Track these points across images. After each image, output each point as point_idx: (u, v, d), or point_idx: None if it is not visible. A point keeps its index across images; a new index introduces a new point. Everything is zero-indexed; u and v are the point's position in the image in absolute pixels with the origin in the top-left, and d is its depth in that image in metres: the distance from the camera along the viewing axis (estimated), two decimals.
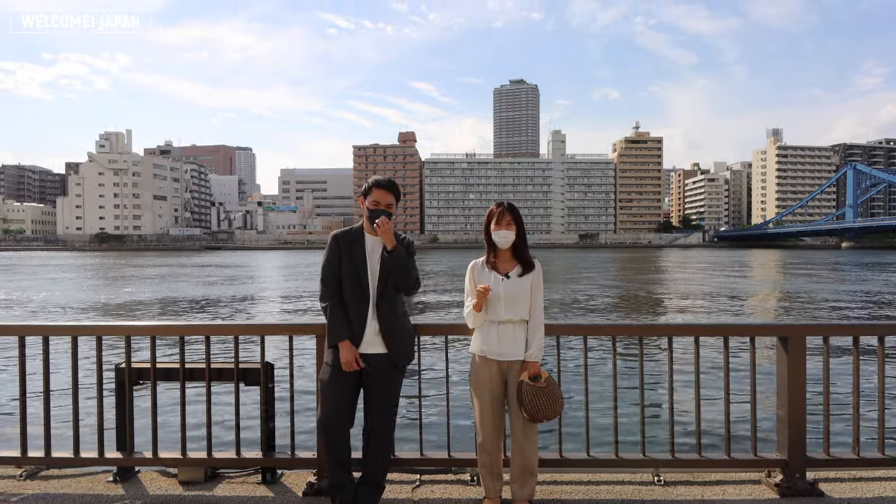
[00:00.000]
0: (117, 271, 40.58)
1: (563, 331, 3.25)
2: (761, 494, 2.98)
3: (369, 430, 2.75)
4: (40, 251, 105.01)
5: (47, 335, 3.19)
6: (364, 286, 2.72)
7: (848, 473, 3.22)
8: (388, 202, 2.74)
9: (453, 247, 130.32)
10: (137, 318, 16.35)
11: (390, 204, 2.75)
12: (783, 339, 3.10)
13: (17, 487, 3.09)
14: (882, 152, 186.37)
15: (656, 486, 3.08)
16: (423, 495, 2.99)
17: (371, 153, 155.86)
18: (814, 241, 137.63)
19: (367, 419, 2.76)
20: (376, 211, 2.71)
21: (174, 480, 3.17)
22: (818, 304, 19.23)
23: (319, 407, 2.74)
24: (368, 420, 2.75)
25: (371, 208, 2.73)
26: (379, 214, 2.69)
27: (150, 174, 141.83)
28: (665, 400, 3.24)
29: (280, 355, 3.36)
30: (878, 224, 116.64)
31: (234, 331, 3.32)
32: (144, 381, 3.22)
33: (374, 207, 2.72)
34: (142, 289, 25.64)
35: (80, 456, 3.18)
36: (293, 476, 3.24)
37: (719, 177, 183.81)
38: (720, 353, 3.20)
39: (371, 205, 2.73)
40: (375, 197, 2.73)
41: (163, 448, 3.20)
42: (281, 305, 19.94)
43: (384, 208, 2.72)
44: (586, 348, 3.23)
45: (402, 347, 2.78)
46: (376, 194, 2.73)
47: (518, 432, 2.76)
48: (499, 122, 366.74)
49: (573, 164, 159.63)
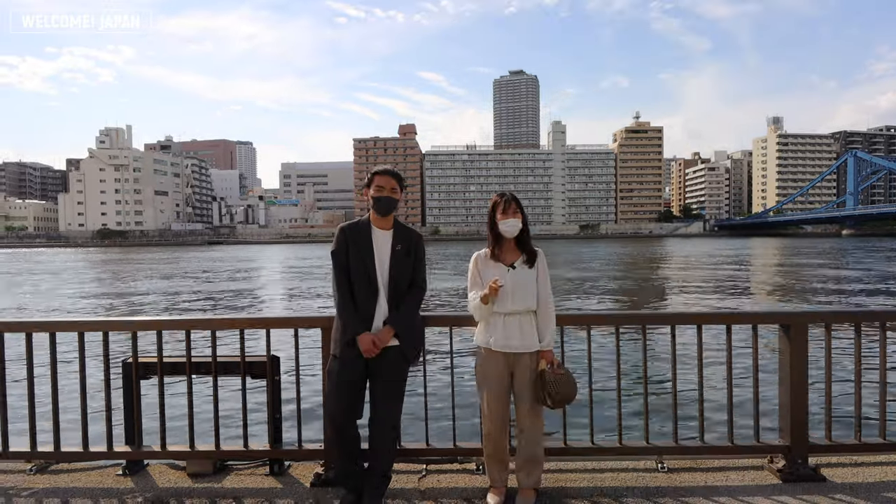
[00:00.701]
0: (121, 266, 40.66)
1: (566, 321, 3.27)
2: (764, 480, 3.01)
3: (376, 421, 2.77)
4: (43, 248, 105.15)
5: (54, 331, 3.22)
6: (372, 278, 2.74)
7: (850, 459, 3.24)
8: (392, 186, 2.77)
9: (455, 238, 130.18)
10: (144, 313, 16.41)
11: (394, 188, 2.78)
12: (785, 327, 3.11)
13: (28, 482, 3.12)
14: (882, 139, 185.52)
15: (660, 472, 3.11)
16: (430, 485, 3.02)
17: (371, 146, 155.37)
18: (814, 228, 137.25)
19: (374, 410, 2.78)
20: (381, 198, 2.75)
21: (183, 473, 3.20)
22: (819, 292, 19.23)
23: (327, 399, 2.77)
24: (375, 411, 2.77)
25: (375, 196, 2.76)
26: (384, 201, 2.74)
27: (150, 169, 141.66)
28: (668, 388, 3.26)
29: (286, 348, 3.38)
30: (879, 211, 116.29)
31: (239, 324, 3.34)
32: (151, 376, 3.25)
33: (378, 195, 2.75)
34: (147, 284, 25.70)
35: (90, 450, 3.21)
36: (301, 467, 3.27)
37: (720, 166, 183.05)
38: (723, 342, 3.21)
39: (375, 192, 2.76)
40: (378, 183, 2.76)
41: (171, 441, 3.24)
42: (285, 298, 19.99)
43: (388, 193, 2.75)
44: (589, 338, 3.25)
45: (410, 340, 2.80)
46: (378, 181, 2.76)
47: (525, 422, 2.78)
48: (499, 113, 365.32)
49: (574, 155, 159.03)
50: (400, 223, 2.87)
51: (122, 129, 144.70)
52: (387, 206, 2.78)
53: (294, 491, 2.99)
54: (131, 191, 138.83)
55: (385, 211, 2.78)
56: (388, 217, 2.82)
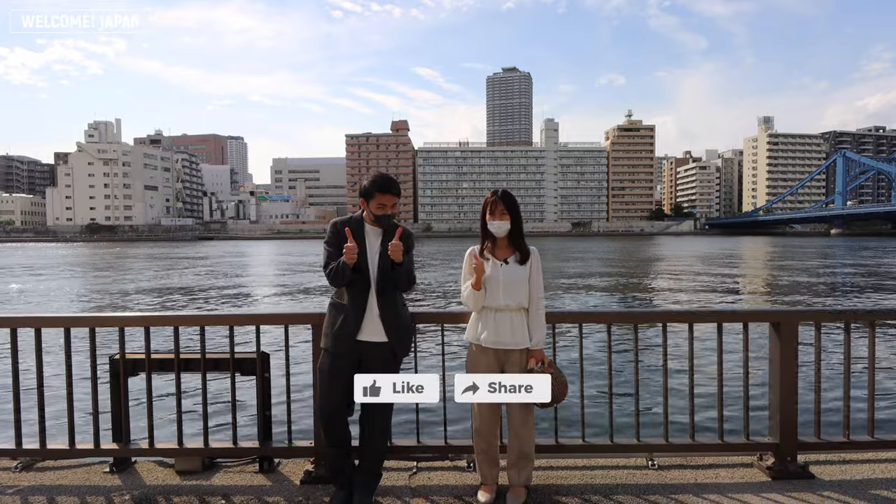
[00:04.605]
0: (109, 262, 40.29)
1: (558, 318, 3.27)
2: (753, 477, 3.03)
3: (367, 419, 2.76)
4: (30, 242, 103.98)
5: (40, 327, 3.17)
6: (364, 274, 2.73)
7: (838, 456, 3.27)
8: (393, 203, 2.75)
9: (447, 235, 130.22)
10: (131, 308, 16.27)
11: (395, 204, 2.77)
12: (776, 325, 3.13)
13: (13, 479, 3.08)
14: (871, 140, 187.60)
15: (650, 470, 3.12)
16: (421, 482, 3.01)
17: (364, 142, 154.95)
18: (803, 227, 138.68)
19: (365, 408, 2.76)
20: (384, 217, 2.74)
21: (171, 470, 3.17)
22: (809, 291, 19.42)
23: (317, 396, 2.75)
24: (366, 409, 2.76)
25: (376, 213, 2.74)
26: (387, 219, 2.74)
27: (140, 164, 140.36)
28: (659, 386, 3.27)
29: (276, 345, 3.35)
30: (867, 211, 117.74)
31: (229, 321, 3.31)
32: (139, 372, 3.21)
33: (380, 213, 2.74)
34: (135, 279, 25.48)
35: (76, 447, 3.17)
36: (290, 464, 3.25)
37: (711, 164, 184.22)
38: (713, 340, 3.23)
39: (377, 209, 2.73)
40: (381, 201, 2.72)
41: (159, 438, 3.21)
42: (276, 294, 19.89)
43: (389, 210, 2.75)
44: (581, 336, 3.25)
45: (401, 336, 2.79)
46: (381, 199, 2.72)
47: (515, 419, 2.78)
48: (492, 111, 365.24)
49: (566, 153, 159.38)
50: (401, 249, 2.84)
51: (112, 123, 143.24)
52: (387, 223, 2.78)
53: (284, 488, 2.97)
54: (120, 185, 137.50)
55: (385, 226, 2.78)
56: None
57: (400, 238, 2.71)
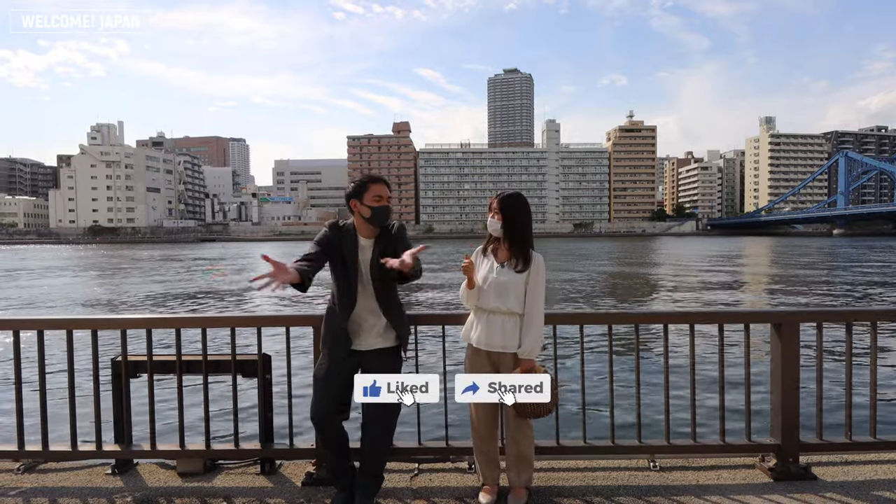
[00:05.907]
0: (112, 263, 40.35)
1: (559, 319, 3.26)
2: (755, 479, 3.02)
3: (368, 422, 2.74)
4: (33, 244, 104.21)
5: (42, 329, 3.18)
6: (353, 283, 2.70)
7: (840, 457, 3.26)
8: (388, 195, 2.72)
9: (448, 237, 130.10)
10: (133, 310, 16.29)
11: (389, 197, 2.73)
12: (777, 326, 3.12)
13: (15, 481, 3.09)
14: (873, 140, 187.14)
15: (652, 471, 3.11)
16: (422, 484, 3.01)
17: (365, 143, 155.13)
18: (805, 228, 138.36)
19: (366, 410, 2.73)
20: (382, 207, 2.68)
21: (173, 472, 3.18)
22: (810, 291, 19.37)
23: (312, 396, 2.75)
24: (367, 411, 2.73)
25: (375, 205, 2.66)
26: (384, 211, 2.68)
27: (142, 166, 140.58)
28: (660, 387, 3.27)
29: (277, 346, 3.36)
30: (869, 211, 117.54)
31: (230, 322, 3.32)
32: (141, 374, 3.22)
33: (377, 204, 2.67)
34: (138, 281, 25.52)
35: (78, 449, 3.18)
36: (292, 466, 3.26)
37: (712, 165, 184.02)
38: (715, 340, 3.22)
39: (373, 201, 2.66)
40: (377, 192, 2.66)
41: (161, 440, 3.21)
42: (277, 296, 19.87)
43: (386, 202, 2.69)
44: (582, 337, 3.25)
45: (399, 339, 2.78)
46: (375, 189, 2.67)
47: (511, 421, 2.77)
48: (493, 112, 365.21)
49: (567, 154, 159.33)
50: (390, 221, 2.80)
51: (114, 126, 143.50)
52: (386, 215, 2.70)
53: (285, 490, 2.97)
54: (123, 187, 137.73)
55: (383, 221, 2.70)
56: (376, 227, 2.74)
57: (388, 240, 2.69)
